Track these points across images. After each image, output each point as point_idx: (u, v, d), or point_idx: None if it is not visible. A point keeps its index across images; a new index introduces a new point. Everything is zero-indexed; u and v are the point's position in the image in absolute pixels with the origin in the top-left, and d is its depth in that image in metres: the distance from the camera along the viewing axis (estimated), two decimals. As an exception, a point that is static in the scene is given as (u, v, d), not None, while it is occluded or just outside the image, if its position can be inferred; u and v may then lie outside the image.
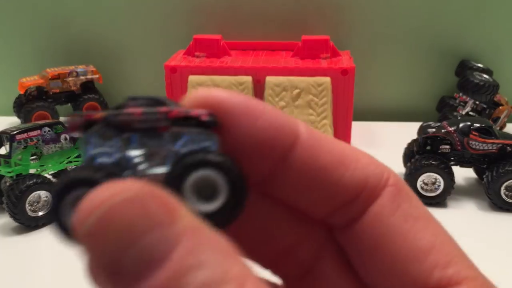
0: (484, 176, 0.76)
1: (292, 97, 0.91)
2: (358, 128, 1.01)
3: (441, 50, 1.13)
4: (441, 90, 1.14)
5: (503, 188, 0.73)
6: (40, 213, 0.70)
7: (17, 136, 0.71)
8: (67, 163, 0.77)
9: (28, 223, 0.70)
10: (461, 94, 1.04)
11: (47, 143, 0.74)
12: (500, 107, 1.03)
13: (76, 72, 1.08)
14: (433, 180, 0.75)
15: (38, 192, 0.70)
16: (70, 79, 1.08)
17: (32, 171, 0.73)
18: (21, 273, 0.63)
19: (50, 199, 0.69)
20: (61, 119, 0.99)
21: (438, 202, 0.75)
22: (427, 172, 0.74)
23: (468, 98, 1.02)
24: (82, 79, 1.09)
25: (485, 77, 1.03)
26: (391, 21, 1.11)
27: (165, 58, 0.98)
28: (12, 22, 1.14)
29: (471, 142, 0.75)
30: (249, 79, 0.92)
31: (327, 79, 0.91)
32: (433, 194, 0.75)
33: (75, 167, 0.75)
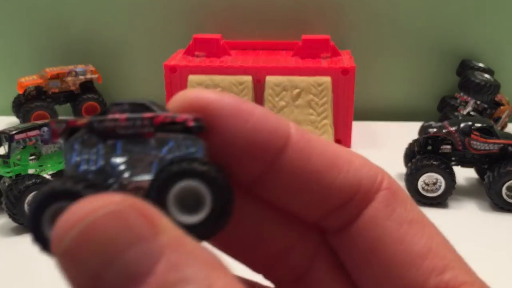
0: (485, 176, 0.75)
1: (292, 96, 0.91)
2: (359, 128, 1.01)
3: (442, 49, 1.12)
4: (442, 90, 1.14)
5: (504, 188, 0.73)
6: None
7: (16, 136, 0.71)
8: (66, 163, 0.77)
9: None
10: (462, 94, 1.03)
11: (46, 143, 0.74)
12: (501, 107, 1.03)
13: (75, 71, 1.08)
14: (434, 181, 0.74)
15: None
16: (69, 78, 1.07)
17: (31, 171, 0.73)
18: (20, 273, 0.63)
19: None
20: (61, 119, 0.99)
21: (439, 202, 0.75)
22: (428, 172, 0.74)
23: (469, 98, 1.02)
24: (81, 78, 1.08)
25: (486, 77, 1.02)
26: (391, 20, 1.11)
27: (164, 58, 0.98)
28: (11, 22, 1.13)
29: (472, 142, 0.75)
30: (249, 78, 0.92)
31: (327, 79, 0.91)
32: (434, 195, 0.75)
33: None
